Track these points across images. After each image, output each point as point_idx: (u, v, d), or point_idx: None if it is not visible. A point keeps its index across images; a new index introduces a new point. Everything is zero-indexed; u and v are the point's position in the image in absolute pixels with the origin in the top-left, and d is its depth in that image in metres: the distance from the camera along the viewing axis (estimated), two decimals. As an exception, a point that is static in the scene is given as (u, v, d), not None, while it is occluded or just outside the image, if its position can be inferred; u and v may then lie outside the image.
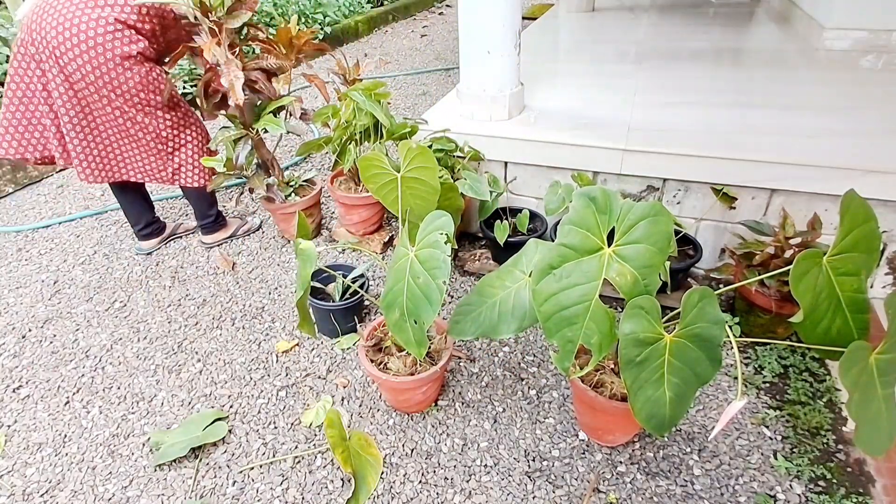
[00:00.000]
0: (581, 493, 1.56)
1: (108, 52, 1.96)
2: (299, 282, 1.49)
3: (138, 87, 2.07)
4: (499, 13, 2.24)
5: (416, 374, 1.66)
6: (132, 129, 2.19)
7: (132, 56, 2.00)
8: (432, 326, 1.79)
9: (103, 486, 1.62)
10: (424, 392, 1.73)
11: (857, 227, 1.21)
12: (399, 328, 1.45)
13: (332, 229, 2.76)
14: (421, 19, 7.55)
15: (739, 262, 2.00)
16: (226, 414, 1.82)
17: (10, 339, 2.17)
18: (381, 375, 1.65)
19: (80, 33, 1.92)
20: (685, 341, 1.23)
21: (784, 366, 1.90)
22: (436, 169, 1.54)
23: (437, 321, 1.78)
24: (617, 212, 1.24)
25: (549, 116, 2.49)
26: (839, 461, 1.60)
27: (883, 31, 3.17)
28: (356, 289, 2.08)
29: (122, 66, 2.00)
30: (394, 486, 1.59)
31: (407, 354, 1.70)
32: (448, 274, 1.35)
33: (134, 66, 2.02)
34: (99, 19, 1.93)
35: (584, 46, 3.77)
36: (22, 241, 2.80)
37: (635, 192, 2.27)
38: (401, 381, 1.63)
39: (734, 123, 2.30)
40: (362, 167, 1.60)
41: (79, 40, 1.93)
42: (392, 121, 2.34)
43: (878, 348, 1.19)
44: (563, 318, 1.25)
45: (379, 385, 1.82)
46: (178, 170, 2.37)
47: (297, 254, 1.50)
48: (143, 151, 2.28)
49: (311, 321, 1.64)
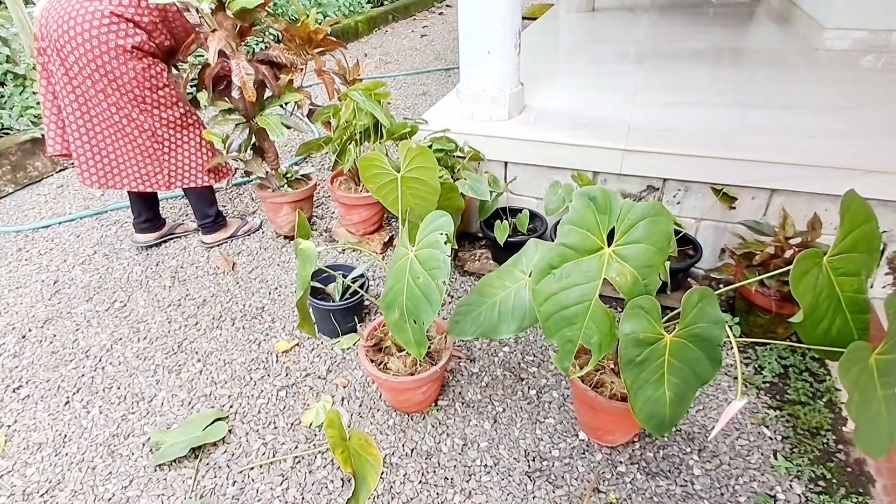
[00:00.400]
0: (581, 493, 1.56)
1: (103, 45, 1.97)
2: (299, 282, 1.49)
3: (134, 81, 2.07)
4: (499, 13, 2.24)
5: (415, 374, 1.66)
6: (128, 126, 2.19)
7: (128, 49, 2.01)
8: (432, 326, 1.79)
9: (103, 486, 1.62)
10: (424, 392, 1.73)
11: (857, 227, 1.21)
12: (399, 328, 1.45)
13: (333, 229, 2.76)
14: (421, 19, 7.55)
15: (739, 262, 2.00)
16: (226, 414, 1.82)
17: (10, 339, 2.17)
18: (381, 375, 1.65)
19: (76, 26, 1.95)
20: (685, 341, 1.23)
21: (784, 366, 1.90)
22: (436, 169, 1.54)
23: (437, 321, 1.78)
24: (617, 212, 1.24)
25: (549, 116, 2.49)
26: (839, 461, 1.60)
27: (883, 31, 3.17)
28: (356, 289, 2.08)
29: (118, 59, 2.01)
30: (394, 486, 1.59)
31: (407, 354, 1.70)
32: (448, 274, 1.35)
33: (130, 61, 2.03)
34: (95, 12, 1.95)
35: (584, 46, 3.77)
36: (22, 241, 2.80)
37: (635, 192, 2.27)
38: (401, 382, 1.63)
39: (734, 123, 2.30)
40: (362, 167, 1.60)
41: (76, 33, 1.95)
42: (392, 121, 2.34)
43: (878, 348, 1.19)
44: (563, 318, 1.25)
45: (379, 385, 1.82)
46: (175, 173, 2.37)
47: (297, 254, 1.50)
48: (139, 153, 2.28)
49: (311, 321, 1.64)
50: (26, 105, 3.39)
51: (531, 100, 2.66)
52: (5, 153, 3.17)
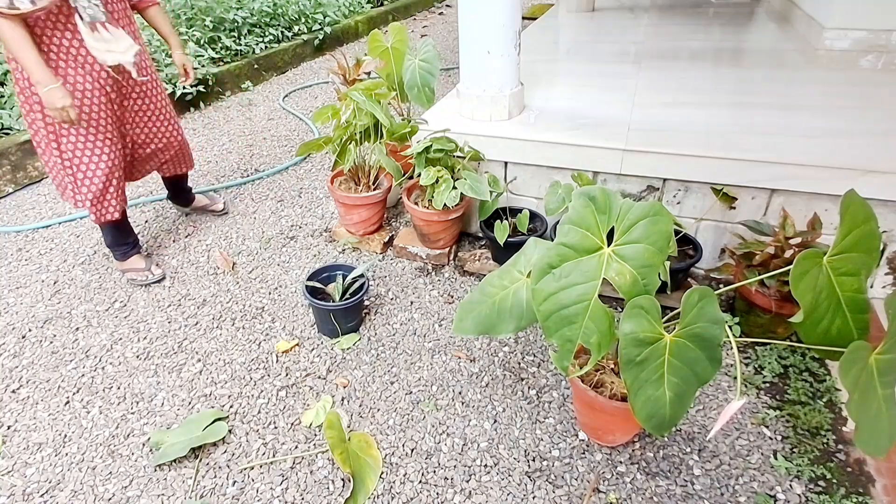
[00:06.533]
0: (581, 493, 1.56)
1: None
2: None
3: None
4: (499, 13, 2.24)
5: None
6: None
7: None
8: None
9: (103, 486, 1.62)
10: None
11: (857, 227, 1.21)
12: (418, 98, 2.72)
13: (333, 229, 2.76)
14: (421, 19, 7.55)
15: (739, 262, 2.00)
16: (226, 414, 1.82)
17: (10, 339, 2.17)
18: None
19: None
20: (685, 341, 1.23)
21: (784, 366, 1.90)
22: (406, 40, 2.76)
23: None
24: (616, 211, 1.24)
25: (549, 116, 2.49)
26: (839, 461, 1.60)
27: (883, 31, 3.16)
28: (356, 289, 2.08)
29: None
30: (394, 486, 1.59)
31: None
32: (437, 68, 2.65)
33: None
34: None
35: (584, 46, 3.77)
36: (22, 241, 2.80)
37: (635, 192, 2.27)
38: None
39: (734, 123, 2.30)
40: (371, 40, 2.79)
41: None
42: (392, 121, 2.34)
43: (878, 348, 1.19)
44: (563, 318, 1.25)
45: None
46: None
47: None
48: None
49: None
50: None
51: (531, 100, 2.66)
52: (5, 153, 3.17)
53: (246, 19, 4.93)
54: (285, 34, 5.36)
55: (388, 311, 2.25)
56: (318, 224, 2.86)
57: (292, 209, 3.00)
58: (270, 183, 3.27)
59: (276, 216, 2.93)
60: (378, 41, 2.80)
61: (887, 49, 3.16)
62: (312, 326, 2.17)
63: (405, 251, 2.54)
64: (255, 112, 4.35)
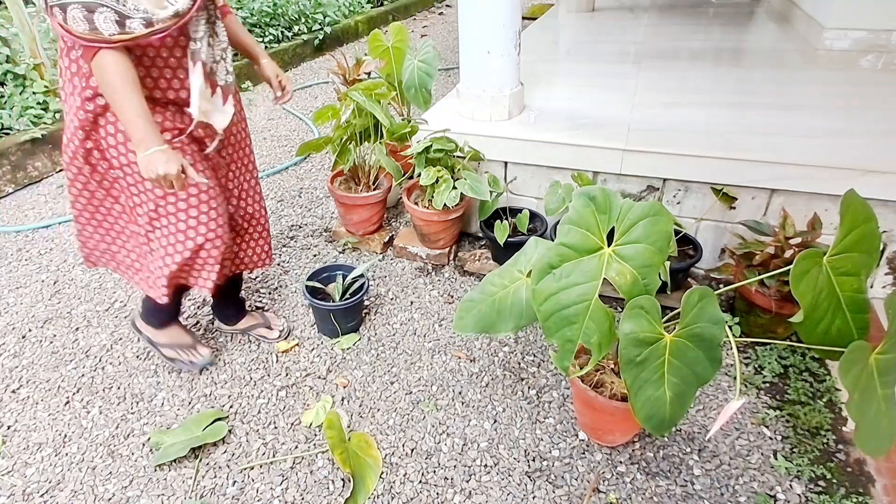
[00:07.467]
0: (581, 493, 1.56)
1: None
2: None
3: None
4: (499, 13, 2.24)
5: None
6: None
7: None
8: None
9: (103, 486, 1.62)
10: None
11: (857, 227, 1.21)
12: (414, 98, 2.79)
13: (333, 229, 2.76)
14: (421, 19, 7.55)
15: (739, 262, 2.00)
16: (226, 414, 1.82)
17: (10, 339, 2.17)
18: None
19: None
20: (685, 341, 1.23)
21: (784, 366, 1.90)
22: (407, 40, 2.82)
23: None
24: (616, 211, 1.24)
25: (549, 116, 2.49)
26: (839, 461, 1.60)
27: (883, 31, 3.16)
28: (356, 289, 2.08)
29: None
30: (394, 485, 1.59)
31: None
32: (435, 69, 2.74)
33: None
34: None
35: (584, 46, 3.77)
36: (22, 241, 2.80)
37: (635, 192, 2.27)
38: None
39: (734, 123, 2.30)
40: (371, 40, 2.84)
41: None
42: (392, 121, 2.34)
43: (878, 348, 1.19)
44: (563, 318, 1.25)
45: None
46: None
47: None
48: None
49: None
50: (26, 105, 3.38)
51: (531, 100, 2.66)
52: (5, 153, 3.16)
53: (246, 19, 4.93)
54: (285, 34, 5.36)
55: (388, 311, 2.25)
56: (317, 224, 2.86)
57: (292, 209, 2.99)
58: (270, 183, 3.27)
59: (276, 216, 2.93)
60: (379, 41, 2.80)
61: (887, 49, 3.16)
62: (312, 326, 2.17)
63: (405, 251, 2.54)
64: (255, 112, 4.35)
